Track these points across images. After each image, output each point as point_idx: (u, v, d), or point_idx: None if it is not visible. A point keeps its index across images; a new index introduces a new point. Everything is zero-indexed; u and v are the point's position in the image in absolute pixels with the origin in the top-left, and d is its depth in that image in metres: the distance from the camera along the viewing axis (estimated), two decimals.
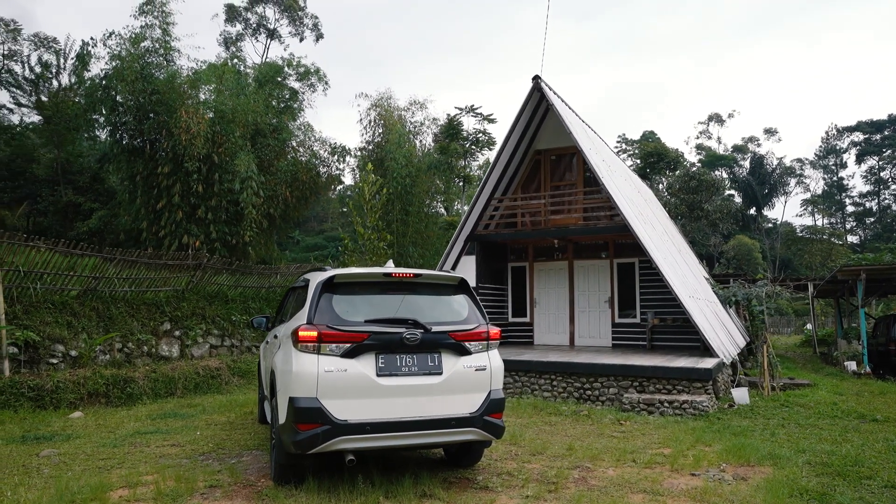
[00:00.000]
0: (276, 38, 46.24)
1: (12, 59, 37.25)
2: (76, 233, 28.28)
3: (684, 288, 12.08)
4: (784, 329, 33.77)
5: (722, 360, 10.62)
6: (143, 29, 20.24)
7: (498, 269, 14.91)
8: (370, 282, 5.46)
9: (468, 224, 13.83)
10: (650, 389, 9.54)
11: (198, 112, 19.02)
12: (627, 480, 5.62)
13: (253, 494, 5.18)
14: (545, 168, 14.69)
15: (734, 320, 17.98)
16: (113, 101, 19.86)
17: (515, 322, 15.05)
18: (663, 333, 13.38)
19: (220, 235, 19.81)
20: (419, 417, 5.01)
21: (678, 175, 27.93)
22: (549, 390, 10.30)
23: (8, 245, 9.38)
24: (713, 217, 25.47)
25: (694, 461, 6.31)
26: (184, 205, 19.15)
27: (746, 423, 8.40)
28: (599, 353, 11.71)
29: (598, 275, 14.35)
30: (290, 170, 22.55)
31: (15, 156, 31.49)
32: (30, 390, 8.86)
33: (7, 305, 9.45)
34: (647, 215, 15.44)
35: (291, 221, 26.70)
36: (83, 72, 28.24)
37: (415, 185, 25.80)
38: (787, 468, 6.01)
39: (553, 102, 12.71)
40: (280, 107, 25.37)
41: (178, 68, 20.67)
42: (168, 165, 19.01)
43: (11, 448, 6.90)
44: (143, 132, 19.81)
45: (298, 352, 4.99)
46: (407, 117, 28.77)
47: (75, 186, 30.42)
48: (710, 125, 65.91)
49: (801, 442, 7.17)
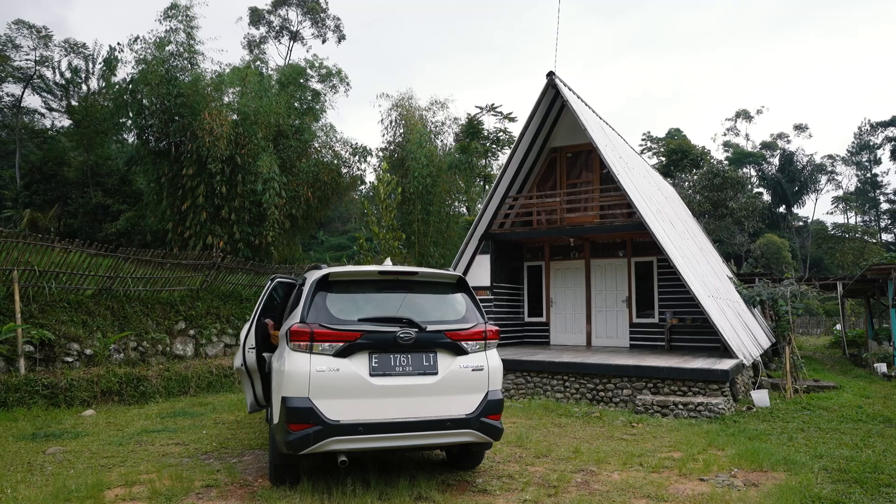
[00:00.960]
0: (298, 40, 46.65)
1: (44, 65, 38.20)
2: (105, 234, 28.83)
3: (703, 287, 11.78)
4: (813, 330, 32.87)
5: (741, 361, 10.32)
6: (167, 33, 20.51)
7: (513, 269, 14.74)
8: (365, 280, 5.37)
9: (482, 223, 13.68)
10: (665, 391, 9.29)
11: (221, 114, 19.21)
12: (632, 485, 5.44)
13: (247, 495, 5.13)
14: (561, 166, 14.47)
15: (759, 321, 17.54)
16: (139, 104, 20.15)
17: (532, 322, 14.86)
18: (682, 334, 13.07)
19: (243, 236, 19.98)
20: (413, 418, 4.90)
21: (702, 172, 27.32)
22: (561, 391, 10.11)
23: (23, 245, 9.53)
24: (738, 215, 24.86)
25: (704, 466, 6.10)
26: (208, 206, 19.35)
27: (764, 426, 8.12)
28: (614, 354, 11.48)
29: (616, 274, 14.09)
30: (311, 170, 22.65)
31: (47, 159, 32.24)
32: (44, 388, 8.99)
33: (23, 304, 9.61)
34: (667, 213, 15.12)
35: (314, 222, 26.83)
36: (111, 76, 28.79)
37: (436, 185, 25.73)
38: (801, 474, 5.76)
39: (568, 99, 12.50)
40: (302, 108, 25.51)
41: (202, 71, 20.90)
42: (192, 167, 19.21)
43: (20, 445, 6.98)
44: (168, 135, 20.07)
45: (291, 351, 4.93)
46: (428, 117, 28.73)
47: (104, 188, 31.03)
48: (738, 122, 64.57)
49: (819, 447, 6.89)
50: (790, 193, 56.14)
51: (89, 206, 30.46)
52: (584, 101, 14.39)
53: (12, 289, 9.40)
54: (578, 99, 13.73)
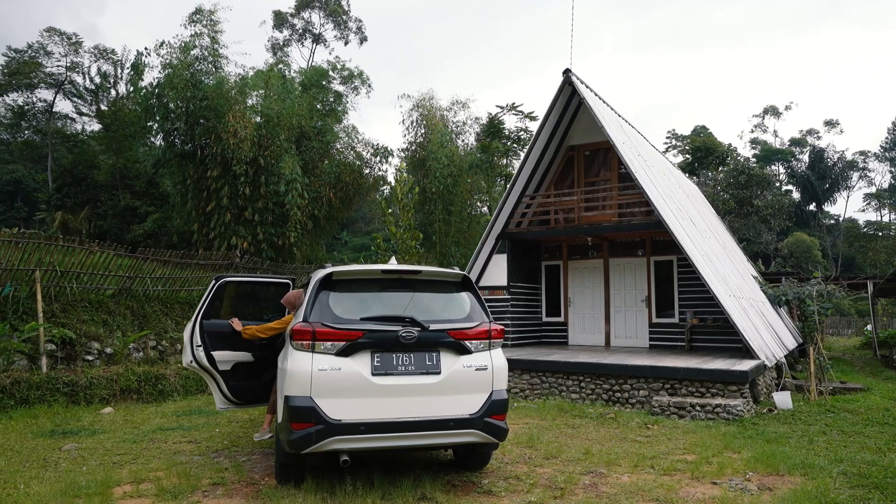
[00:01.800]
0: (321, 43, 46.99)
1: (74, 71, 39.11)
2: (133, 235, 29.40)
3: (724, 286, 11.54)
4: (844, 330, 32.01)
5: (762, 362, 10.07)
6: (192, 37, 20.80)
7: (531, 268, 14.62)
8: (368, 279, 5.35)
9: (498, 222, 13.60)
10: (682, 392, 9.11)
11: (244, 117, 19.41)
12: (641, 488, 5.32)
13: (253, 493, 5.15)
14: (579, 164, 14.32)
15: (785, 321, 17.13)
16: (165, 108, 20.44)
17: (549, 322, 14.72)
18: (703, 334, 12.82)
19: (266, 237, 20.18)
20: (416, 418, 4.86)
21: (727, 170, 26.76)
22: (577, 392, 9.98)
23: (45, 246, 9.74)
24: (764, 213, 24.31)
25: (718, 469, 5.95)
26: (232, 207, 19.59)
27: (784, 429, 7.91)
28: (631, 354, 11.30)
29: (635, 273, 13.88)
30: (333, 171, 22.79)
31: (77, 162, 32.98)
32: (65, 386, 9.16)
33: (45, 304, 9.82)
34: (688, 211, 14.86)
35: (336, 222, 26.99)
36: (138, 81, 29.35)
37: (457, 185, 25.68)
38: (818, 479, 5.58)
39: (585, 96, 12.35)
40: (324, 110, 25.66)
41: (226, 75, 21.14)
42: (217, 169, 19.45)
43: (38, 442, 7.12)
44: (193, 137, 20.35)
45: (294, 350, 4.94)
46: (449, 117, 28.70)
47: (132, 191, 31.64)
48: (766, 118, 63.29)
49: (840, 450, 6.68)
50: (820, 191, 54.80)
51: (118, 208, 31.08)
52: (602, 98, 14.22)
53: (35, 289, 9.61)
54: (596, 96, 13.57)
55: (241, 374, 6.62)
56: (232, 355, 6.56)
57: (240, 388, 6.65)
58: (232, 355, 6.56)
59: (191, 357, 6.21)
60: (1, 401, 8.57)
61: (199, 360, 6.17)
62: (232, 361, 6.57)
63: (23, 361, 9.40)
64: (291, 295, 6.21)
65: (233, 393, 6.61)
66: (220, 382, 6.46)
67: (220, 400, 6.57)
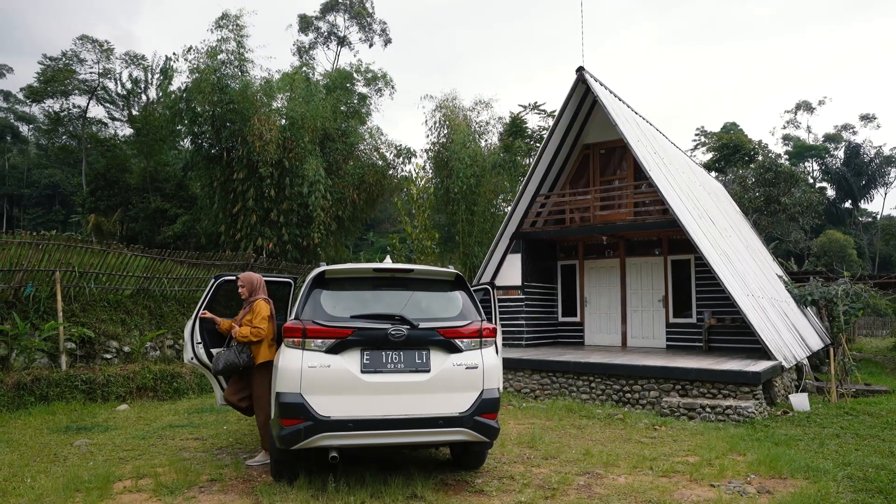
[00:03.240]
0: (346, 45, 47.39)
1: (106, 77, 40.18)
2: (162, 237, 30.08)
3: (741, 286, 11.31)
4: (879, 331, 31.02)
5: (779, 363, 9.84)
6: (218, 42, 21.13)
7: (546, 268, 14.52)
8: (361, 277, 5.39)
9: (512, 222, 13.54)
10: (693, 393, 8.96)
11: (270, 119, 19.68)
12: (636, 489, 5.25)
13: (248, 489, 5.23)
14: (594, 162, 14.17)
15: (812, 321, 16.71)
16: (193, 112, 20.82)
17: (566, 322, 14.60)
18: (721, 334, 12.58)
19: (291, 237, 20.43)
20: (404, 416, 4.88)
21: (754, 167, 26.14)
22: (587, 392, 9.89)
23: (65, 248, 10.02)
24: (792, 211, 23.69)
25: (719, 471, 5.83)
26: (257, 208, 19.87)
27: (796, 431, 7.71)
28: (645, 355, 11.15)
29: (652, 273, 13.69)
30: (357, 172, 22.95)
31: (110, 166, 33.84)
32: (83, 383, 9.41)
33: (65, 304, 10.11)
34: (709, 209, 14.59)
35: (360, 223, 27.18)
36: (167, 86, 30.01)
37: (480, 185, 25.59)
38: (822, 482, 5.43)
39: (598, 93, 12.23)
40: (348, 111, 25.86)
41: (252, 78, 21.43)
42: (243, 171, 19.73)
43: (52, 437, 7.33)
44: (220, 140, 20.68)
45: (285, 347, 5.01)
46: (472, 117, 28.58)
47: (162, 193, 32.37)
48: (798, 114, 61.61)
49: (850, 454, 6.49)
50: (856, 188, 53.15)
51: (149, 210, 31.81)
52: (618, 95, 14.05)
53: (55, 289, 9.90)
54: (611, 94, 13.42)
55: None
56: None
57: None
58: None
59: (191, 354, 6.33)
60: (21, 397, 8.84)
61: (200, 357, 6.28)
62: None
63: (44, 359, 9.70)
64: (245, 279, 6.14)
65: None
66: (221, 380, 6.57)
67: (220, 396, 6.67)
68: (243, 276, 6.23)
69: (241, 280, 6.17)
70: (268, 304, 6.04)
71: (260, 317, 5.85)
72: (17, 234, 9.68)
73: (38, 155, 51.24)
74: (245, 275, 6.21)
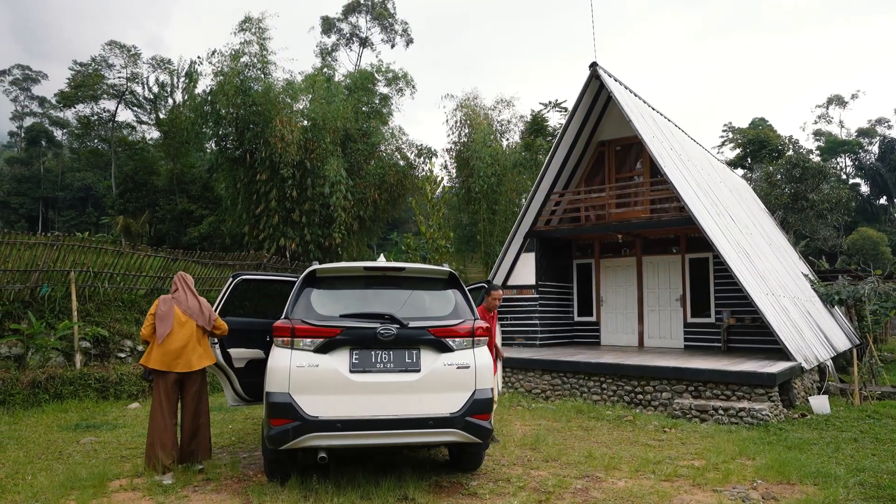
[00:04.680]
0: (367, 46, 47.59)
1: (134, 81, 41.01)
2: (188, 238, 30.56)
3: (759, 284, 10.99)
4: None
5: (799, 364, 9.52)
6: (241, 45, 21.31)
7: (562, 267, 14.32)
8: (351, 276, 5.34)
9: (526, 220, 13.38)
10: (706, 395, 8.72)
11: (291, 121, 19.78)
12: (634, 494, 5.10)
13: (240, 489, 5.21)
14: (610, 160, 13.93)
15: (839, 321, 16.20)
16: (217, 114, 20.99)
17: (582, 322, 14.38)
18: (741, 334, 12.24)
19: (313, 238, 20.53)
20: (394, 416, 4.81)
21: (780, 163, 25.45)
22: (598, 393, 9.70)
23: (79, 248, 10.19)
24: (820, 207, 23.00)
25: (724, 476, 5.64)
26: (280, 209, 20.00)
27: (811, 434, 7.44)
28: (660, 355, 10.90)
29: (669, 271, 13.40)
30: (378, 173, 22.96)
31: (138, 168, 34.50)
32: (96, 382, 9.55)
33: (80, 304, 10.28)
34: (730, 207, 14.24)
35: (382, 223, 27.19)
36: (192, 89, 30.44)
37: (501, 184, 25.39)
38: (831, 488, 5.21)
39: (612, 89, 12.00)
40: (370, 111, 25.88)
41: (274, 81, 21.56)
42: (265, 172, 19.86)
43: (61, 434, 7.43)
44: (243, 142, 20.87)
45: (275, 347, 4.98)
46: (493, 116, 28.39)
47: (189, 195, 32.88)
48: (830, 108, 59.93)
49: (865, 459, 6.22)
50: (891, 184, 51.52)
51: (175, 211, 32.31)
52: (634, 92, 13.79)
53: (70, 289, 10.07)
54: (625, 89, 13.17)
55: (254, 371, 6.69)
56: (247, 352, 6.63)
57: (252, 385, 6.72)
58: (247, 352, 6.63)
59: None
60: (36, 395, 9.00)
61: (216, 357, 6.26)
62: (247, 359, 6.62)
63: (59, 358, 9.87)
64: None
65: (245, 390, 6.66)
66: (234, 379, 6.52)
67: (231, 397, 6.65)
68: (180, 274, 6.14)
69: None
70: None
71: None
72: (32, 236, 9.87)
73: (72, 158, 52.55)
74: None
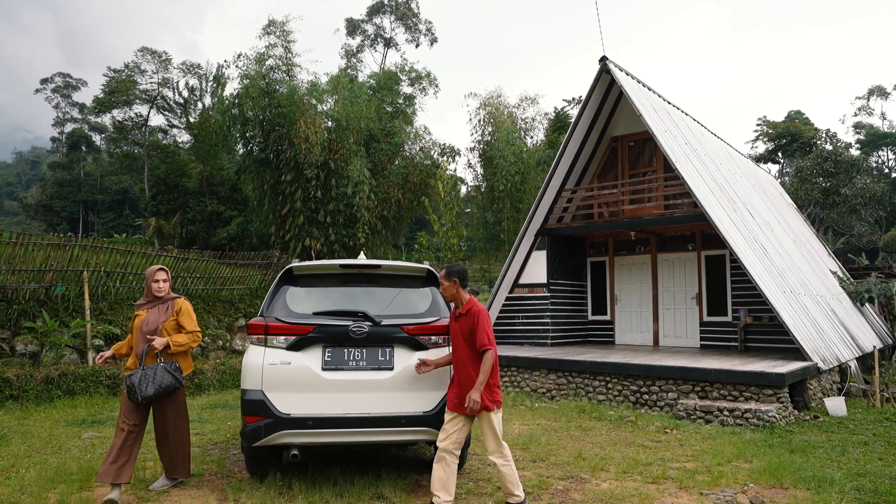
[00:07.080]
0: (392, 47, 47.76)
1: (165, 86, 41.93)
2: (217, 238, 31.13)
3: (776, 282, 10.64)
4: None
5: (814, 364, 9.19)
6: (266, 48, 21.62)
7: (575, 265, 14.10)
8: (327, 274, 5.32)
9: (537, 217, 13.21)
10: (713, 395, 8.46)
11: (315, 122, 19.95)
12: (615, 496, 4.97)
13: (221, 485, 5.25)
14: (623, 155, 13.67)
15: (870, 320, 15.60)
16: (244, 117, 21.32)
17: (596, 320, 14.15)
18: (759, 333, 11.87)
19: (338, 237, 20.69)
20: (366, 414, 4.77)
21: (811, 157, 24.62)
22: (603, 393, 9.52)
23: (92, 248, 10.43)
24: (853, 202, 22.15)
25: (714, 479, 5.45)
26: (305, 209, 20.21)
27: (820, 437, 7.15)
28: (671, 355, 10.64)
29: (685, 269, 13.07)
30: (401, 172, 22.99)
31: (170, 171, 35.26)
32: (107, 379, 9.76)
33: (93, 303, 10.52)
34: (751, 202, 13.84)
35: (406, 223, 27.26)
36: (220, 92, 30.98)
37: (525, 182, 25.23)
38: (825, 493, 4.99)
39: (623, 84, 11.76)
40: (394, 112, 25.93)
41: (299, 83, 21.78)
42: (291, 173, 20.10)
43: (66, 430, 7.61)
44: (268, 144, 21.17)
45: (250, 344, 5.00)
46: (517, 114, 28.20)
47: (218, 196, 33.50)
48: (871, 100, 57.91)
49: (869, 464, 5.94)
50: None
51: (205, 213, 32.92)
52: (647, 85, 13.51)
53: (83, 288, 10.31)
54: (637, 83, 12.90)
55: None
56: None
57: None
58: None
59: None
60: (49, 391, 9.24)
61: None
62: None
63: (73, 356, 10.12)
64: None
65: None
66: None
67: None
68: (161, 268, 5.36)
69: (165, 274, 5.27)
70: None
71: (192, 318, 5.28)
72: (46, 236, 10.14)
73: (110, 163, 54.09)
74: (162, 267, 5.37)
